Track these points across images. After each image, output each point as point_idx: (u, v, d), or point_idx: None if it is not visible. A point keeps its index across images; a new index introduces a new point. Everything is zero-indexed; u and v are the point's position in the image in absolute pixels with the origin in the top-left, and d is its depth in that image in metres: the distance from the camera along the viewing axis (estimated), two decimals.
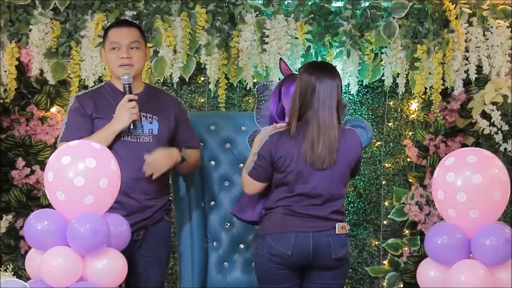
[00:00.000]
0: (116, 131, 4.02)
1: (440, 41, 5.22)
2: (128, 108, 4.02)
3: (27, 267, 3.57)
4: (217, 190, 4.69)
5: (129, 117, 4.02)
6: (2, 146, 5.41)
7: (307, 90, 3.97)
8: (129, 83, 4.08)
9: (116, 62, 4.11)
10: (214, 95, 5.42)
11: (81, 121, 4.07)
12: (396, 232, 5.52)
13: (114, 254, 3.52)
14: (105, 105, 4.12)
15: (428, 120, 5.49)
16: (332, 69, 4.09)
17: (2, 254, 5.37)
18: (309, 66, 4.07)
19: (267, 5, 5.29)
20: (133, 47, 4.14)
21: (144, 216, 4.10)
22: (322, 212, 3.99)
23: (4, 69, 5.29)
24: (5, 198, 5.39)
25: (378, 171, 5.56)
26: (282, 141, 4.00)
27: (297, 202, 3.99)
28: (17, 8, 5.29)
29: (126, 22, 4.33)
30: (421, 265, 3.65)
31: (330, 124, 3.95)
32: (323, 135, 3.94)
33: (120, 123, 4.02)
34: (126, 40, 4.12)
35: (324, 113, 3.95)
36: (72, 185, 3.43)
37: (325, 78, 3.98)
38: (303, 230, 3.97)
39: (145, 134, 4.12)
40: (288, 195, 4.01)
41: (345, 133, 4.04)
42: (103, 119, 4.08)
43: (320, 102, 3.95)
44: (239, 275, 4.65)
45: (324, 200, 3.99)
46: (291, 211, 4.00)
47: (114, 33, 4.15)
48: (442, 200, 3.55)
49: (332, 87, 3.98)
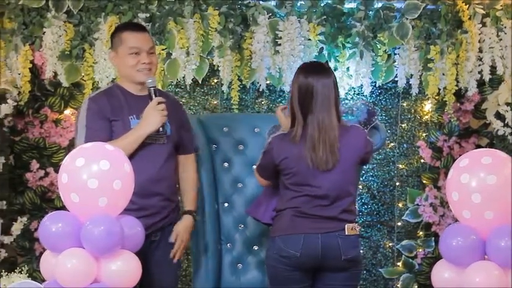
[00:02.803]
0: (146, 134, 4.04)
1: (453, 41, 5.20)
2: (159, 110, 4.05)
3: (42, 269, 3.58)
4: (230, 192, 4.70)
5: (160, 120, 4.04)
6: (16, 149, 5.43)
7: (306, 92, 3.98)
8: (154, 86, 4.11)
9: (135, 66, 4.11)
10: (227, 97, 5.42)
11: (101, 123, 4.08)
12: (410, 233, 5.50)
13: (128, 255, 3.52)
14: (119, 107, 4.12)
15: (442, 121, 5.47)
16: (326, 68, 4.10)
17: (17, 256, 5.39)
18: (304, 68, 4.08)
19: (279, 6, 5.29)
20: (151, 52, 4.17)
21: (162, 216, 4.12)
22: (331, 212, 3.99)
23: (18, 72, 5.30)
24: (20, 200, 5.41)
25: (392, 173, 5.54)
26: (284, 144, 4.01)
27: (305, 203, 4.00)
28: (30, 11, 5.30)
29: (141, 27, 4.34)
30: (436, 266, 3.64)
31: (329, 124, 3.96)
32: (323, 137, 3.95)
33: (151, 126, 4.04)
34: (146, 45, 4.14)
35: (322, 114, 3.96)
36: (86, 187, 3.43)
37: (321, 77, 3.99)
38: (312, 232, 3.97)
39: (161, 135, 4.13)
40: (295, 197, 4.01)
41: (348, 130, 4.04)
42: (118, 121, 4.09)
43: (318, 103, 3.96)
44: (253, 276, 4.66)
45: (332, 200, 3.99)
46: (300, 212, 4.00)
47: (132, 37, 4.15)
48: (456, 201, 3.53)
49: (329, 86, 3.99)
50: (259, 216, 4.29)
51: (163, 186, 4.12)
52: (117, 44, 4.18)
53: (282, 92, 5.43)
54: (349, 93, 5.44)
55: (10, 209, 5.33)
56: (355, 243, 4.05)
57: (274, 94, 5.52)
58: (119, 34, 4.20)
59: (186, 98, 5.52)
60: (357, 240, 4.07)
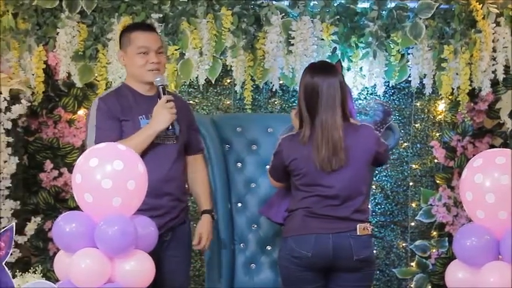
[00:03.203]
0: (155, 132, 4.04)
1: (467, 41, 5.19)
2: (168, 108, 4.05)
3: (56, 269, 3.58)
4: (243, 192, 4.70)
5: (169, 118, 4.04)
6: (30, 149, 5.45)
7: (312, 93, 3.98)
8: (163, 85, 4.11)
9: (144, 66, 4.11)
10: (240, 97, 5.42)
11: (111, 123, 4.08)
12: (424, 234, 5.49)
13: (142, 255, 3.52)
14: (128, 107, 4.13)
15: (455, 121, 5.46)
16: (333, 68, 4.09)
17: (31, 256, 5.41)
18: (310, 68, 4.08)
19: (292, 6, 5.29)
20: (160, 51, 4.17)
21: (172, 217, 4.12)
22: (342, 213, 3.99)
23: (32, 73, 5.33)
24: (34, 200, 5.43)
25: (405, 173, 5.54)
26: (293, 145, 4.02)
27: (316, 203, 3.99)
28: (44, 12, 5.32)
29: (149, 26, 4.36)
30: (450, 267, 3.63)
31: (332, 125, 3.95)
32: (326, 137, 3.94)
33: (161, 124, 4.04)
34: (154, 45, 4.13)
35: (326, 115, 3.95)
36: (100, 187, 3.44)
37: (326, 77, 3.98)
38: (323, 232, 3.97)
39: (170, 136, 4.14)
40: (306, 197, 4.01)
41: (357, 130, 4.03)
42: (129, 121, 4.10)
43: (323, 104, 3.95)
44: (266, 277, 4.66)
45: (342, 200, 3.99)
46: (311, 213, 4.00)
47: (141, 37, 4.15)
48: (470, 202, 3.52)
49: (335, 86, 3.98)
50: (271, 215, 4.30)
51: (173, 186, 4.12)
52: (125, 44, 4.18)
53: (295, 92, 5.43)
54: (362, 93, 5.44)
55: (24, 209, 5.35)
56: (367, 243, 4.04)
57: (287, 94, 5.52)
58: (127, 34, 4.19)
59: (199, 98, 5.52)
60: (369, 240, 4.06)
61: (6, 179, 5.18)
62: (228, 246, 4.61)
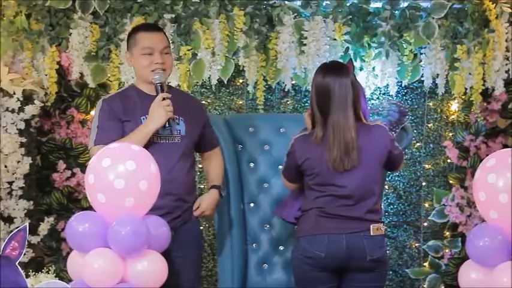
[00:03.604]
0: (151, 130, 4.04)
1: (480, 40, 5.17)
2: (163, 106, 4.04)
3: (69, 269, 3.59)
4: (256, 192, 4.70)
5: (165, 115, 4.03)
6: (43, 149, 5.47)
7: (324, 93, 3.98)
8: (160, 82, 4.11)
9: (149, 67, 4.12)
10: (252, 97, 5.42)
11: (112, 123, 4.10)
12: (437, 234, 5.48)
13: (155, 255, 3.53)
14: (131, 108, 4.14)
15: (468, 121, 5.45)
16: (344, 68, 4.09)
17: (44, 256, 5.42)
18: (322, 69, 4.08)
19: (305, 6, 5.28)
20: (165, 52, 4.16)
21: (173, 216, 4.09)
22: (356, 213, 3.99)
23: (45, 73, 5.34)
24: (47, 200, 5.44)
25: (418, 173, 5.53)
26: (306, 145, 4.02)
27: (330, 203, 3.99)
28: (57, 12, 5.33)
29: (155, 27, 4.36)
30: (463, 267, 3.62)
31: (344, 125, 3.94)
32: (338, 138, 3.94)
33: (156, 122, 4.04)
34: (159, 45, 4.13)
35: (338, 115, 3.95)
36: (112, 187, 3.45)
37: (338, 77, 3.98)
38: (336, 232, 3.97)
39: (174, 135, 4.14)
40: (319, 197, 4.01)
41: (370, 130, 4.03)
42: (130, 122, 4.10)
43: (335, 104, 3.95)
44: (279, 277, 4.66)
45: (356, 200, 3.99)
46: (324, 213, 4.00)
47: (145, 38, 4.15)
48: (483, 202, 3.51)
49: (347, 86, 3.97)
50: (283, 215, 4.30)
51: (176, 186, 4.09)
52: (131, 44, 4.19)
53: (308, 92, 5.42)
54: (375, 93, 5.43)
55: (37, 209, 5.36)
56: (380, 244, 4.04)
57: (300, 94, 5.52)
58: (133, 35, 4.21)
59: (212, 98, 5.53)
60: (382, 240, 4.05)
61: (20, 179, 5.20)
62: (241, 246, 4.61)
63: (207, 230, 5.49)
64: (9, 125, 5.18)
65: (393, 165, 4.17)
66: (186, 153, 4.17)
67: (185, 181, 4.17)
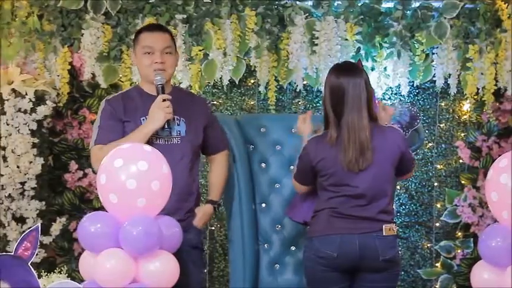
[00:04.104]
0: (150, 131, 4.03)
1: (492, 40, 5.16)
2: (163, 107, 4.03)
3: (81, 269, 3.60)
4: (267, 192, 4.70)
5: (164, 116, 4.02)
6: (55, 150, 5.48)
7: (338, 94, 3.97)
8: (161, 84, 4.09)
9: (149, 66, 4.11)
10: (264, 97, 5.42)
11: (113, 124, 4.10)
12: (449, 234, 5.47)
13: (167, 256, 3.53)
14: (133, 109, 4.14)
15: (480, 121, 5.43)
16: (358, 68, 4.08)
17: (56, 256, 5.43)
18: (335, 69, 4.08)
19: (316, 6, 5.28)
20: (167, 52, 4.14)
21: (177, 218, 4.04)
22: (368, 213, 3.98)
23: (57, 74, 5.35)
24: (59, 201, 5.45)
25: (430, 173, 5.52)
26: (320, 146, 4.01)
27: (343, 203, 3.99)
28: (69, 13, 5.35)
29: (158, 26, 4.35)
30: (475, 267, 3.61)
31: (359, 125, 3.94)
32: (353, 138, 3.94)
33: (155, 123, 4.03)
34: (160, 45, 4.12)
35: (353, 115, 3.94)
36: (124, 187, 3.45)
37: (352, 77, 3.98)
38: (348, 232, 3.97)
39: (174, 136, 4.12)
40: (333, 197, 4.01)
41: (384, 131, 4.02)
42: (130, 123, 4.10)
43: (349, 104, 3.95)
44: (290, 277, 4.65)
45: (369, 200, 3.98)
46: (337, 213, 3.99)
47: (147, 37, 4.15)
48: (495, 202, 3.51)
49: (360, 86, 3.97)
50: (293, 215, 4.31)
51: (175, 187, 4.03)
52: (135, 44, 4.21)
53: (319, 93, 5.43)
54: (386, 93, 5.42)
55: (49, 210, 5.37)
56: (393, 244, 4.03)
57: (311, 94, 5.52)
58: (137, 35, 4.22)
59: (223, 98, 5.53)
60: (394, 240, 4.05)
61: (32, 180, 5.22)
62: (252, 247, 4.61)
63: (218, 231, 5.50)
64: (22, 126, 5.20)
65: (404, 169, 4.14)
66: (186, 154, 4.13)
67: (186, 182, 4.11)
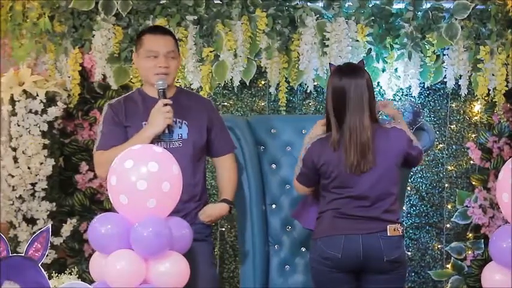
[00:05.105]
0: (151, 135, 4.01)
1: (503, 41, 5.15)
2: (163, 112, 4.01)
3: (91, 270, 3.60)
4: (278, 193, 4.70)
5: (164, 121, 4.00)
6: (66, 151, 5.49)
7: (340, 96, 3.97)
8: (163, 88, 4.06)
9: (152, 70, 4.08)
10: (274, 99, 5.42)
11: (114, 128, 4.08)
12: (459, 235, 5.45)
13: (177, 257, 3.53)
14: (134, 113, 4.12)
15: (491, 122, 5.42)
16: (359, 69, 4.07)
17: (67, 257, 5.44)
18: (337, 70, 4.07)
19: (327, 7, 5.28)
20: (171, 56, 4.12)
21: None
22: (372, 213, 3.98)
23: (68, 75, 5.37)
24: (69, 202, 5.46)
25: (441, 174, 5.50)
26: (323, 148, 4.01)
27: (346, 204, 3.99)
28: (80, 14, 5.36)
29: (161, 29, 4.28)
30: (486, 269, 3.61)
31: (360, 127, 3.94)
32: (354, 140, 3.94)
33: (155, 127, 4.01)
34: (164, 49, 4.09)
35: (354, 117, 3.94)
36: (135, 188, 3.45)
37: (354, 79, 3.97)
38: (352, 233, 3.96)
39: (175, 139, 4.10)
40: (336, 198, 4.01)
41: (387, 132, 4.02)
42: (131, 127, 4.08)
43: (351, 106, 3.94)
44: (300, 278, 4.65)
45: (373, 201, 3.98)
46: (341, 213, 4.00)
47: (150, 40, 4.12)
48: (506, 203, 3.50)
49: (363, 87, 3.97)
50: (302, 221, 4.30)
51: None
52: (138, 46, 4.17)
53: None
54: (397, 94, 5.42)
55: (60, 211, 5.39)
56: (397, 244, 4.01)
57: (322, 96, 5.51)
58: (140, 37, 4.18)
59: (234, 99, 5.54)
60: (400, 241, 4.03)
61: (43, 181, 5.23)
62: (263, 248, 4.61)
63: (228, 232, 5.50)
64: (32, 127, 5.22)
65: (411, 165, 4.16)
66: (189, 157, 4.09)
67: (190, 185, 4.04)
